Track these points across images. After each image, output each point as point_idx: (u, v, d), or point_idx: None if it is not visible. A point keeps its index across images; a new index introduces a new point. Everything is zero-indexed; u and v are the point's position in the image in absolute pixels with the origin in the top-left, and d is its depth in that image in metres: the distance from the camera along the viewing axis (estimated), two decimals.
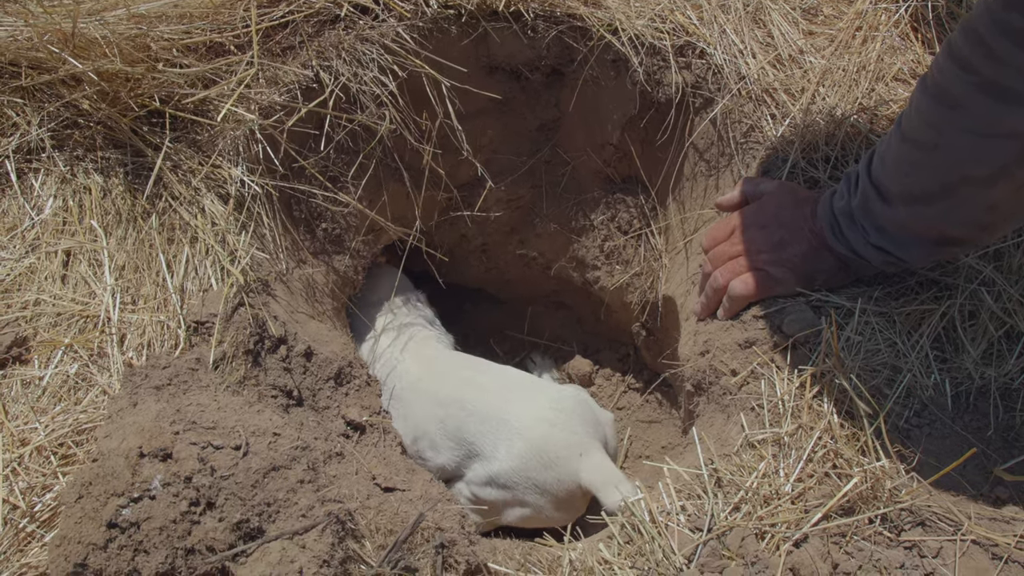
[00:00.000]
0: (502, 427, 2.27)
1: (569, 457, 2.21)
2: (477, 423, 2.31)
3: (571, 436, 2.25)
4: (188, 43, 2.11)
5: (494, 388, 2.39)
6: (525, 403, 2.31)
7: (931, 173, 1.61)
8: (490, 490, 2.30)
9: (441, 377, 2.49)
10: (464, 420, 2.33)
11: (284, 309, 2.06)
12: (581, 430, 2.28)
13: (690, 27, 2.38)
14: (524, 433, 2.24)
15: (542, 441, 2.22)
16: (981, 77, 1.43)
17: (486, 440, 2.29)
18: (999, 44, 1.38)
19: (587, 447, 2.25)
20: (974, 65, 1.43)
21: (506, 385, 2.42)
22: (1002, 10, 1.36)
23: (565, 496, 2.25)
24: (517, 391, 2.38)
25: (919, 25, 2.41)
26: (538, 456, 2.21)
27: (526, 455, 2.22)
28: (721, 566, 1.54)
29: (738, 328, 1.96)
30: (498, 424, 2.28)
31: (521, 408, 2.29)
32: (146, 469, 1.45)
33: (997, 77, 1.41)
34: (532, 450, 2.22)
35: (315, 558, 1.45)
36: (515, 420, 2.27)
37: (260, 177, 2.13)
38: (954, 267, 1.91)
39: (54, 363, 1.83)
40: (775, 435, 1.72)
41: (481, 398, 2.35)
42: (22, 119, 2.05)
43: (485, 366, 2.57)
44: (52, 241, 1.97)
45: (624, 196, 2.83)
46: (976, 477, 1.67)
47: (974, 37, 1.42)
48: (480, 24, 2.43)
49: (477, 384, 2.42)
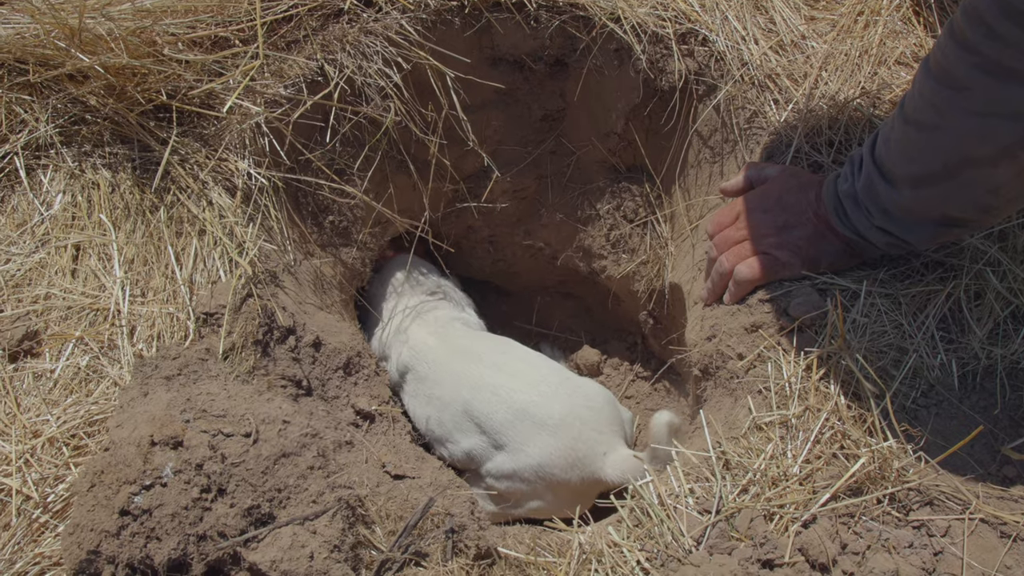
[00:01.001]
0: (533, 422, 2.26)
1: (595, 456, 2.21)
2: (506, 413, 2.29)
3: (599, 436, 2.24)
4: (193, 37, 2.13)
5: (528, 379, 2.36)
6: (559, 400, 2.29)
7: (934, 154, 1.61)
8: (509, 483, 2.29)
9: (474, 360, 2.46)
10: (494, 408, 2.31)
11: (292, 300, 2.08)
12: (607, 428, 2.28)
13: (692, 14, 2.38)
14: (556, 432, 2.23)
15: (572, 441, 2.22)
16: (984, 58, 1.43)
17: (516, 433, 2.27)
18: (1002, 25, 1.38)
19: (612, 445, 2.25)
20: (977, 46, 1.43)
21: (540, 377, 2.38)
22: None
23: (583, 491, 2.25)
24: (551, 385, 2.35)
25: (921, 9, 2.41)
26: (566, 455, 2.21)
27: (555, 453, 2.22)
28: (730, 547, 1.55)
29: (744, 312, 1.96)
30: (529, 418, 2.26)
31: (555, 405, 2.27)
32: (157, 457, 1.47)
33: (1000, 58, 1.41)
34: (561, 449, 2.21)
35: (326, 543, 1.47)
36: (548, 418, 2.25)
37: (267, 170, 2.14)
38: (959, 248, 1.91)
39: (65, 356, 1.84)
40: (782, 417, 1.73)
41: (514, 388, 2.33)
42: (30, 116, 2.07)
43: (518, 353, 2.54)
44: (62, 236, 1.99)
45: (629, 185, 2.84)
46: (984, 456, 1.67)
47: (976, 18, 1.42)
48: (483, 15, 2.43)
49: (511, 372, 2.39)
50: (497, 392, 2.33)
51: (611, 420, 2.31)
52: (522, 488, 2.28)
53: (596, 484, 2.23)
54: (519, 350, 2.54)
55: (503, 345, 2.58)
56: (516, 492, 2.30)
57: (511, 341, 2.61)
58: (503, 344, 2.59)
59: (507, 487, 2.30)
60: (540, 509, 2.30)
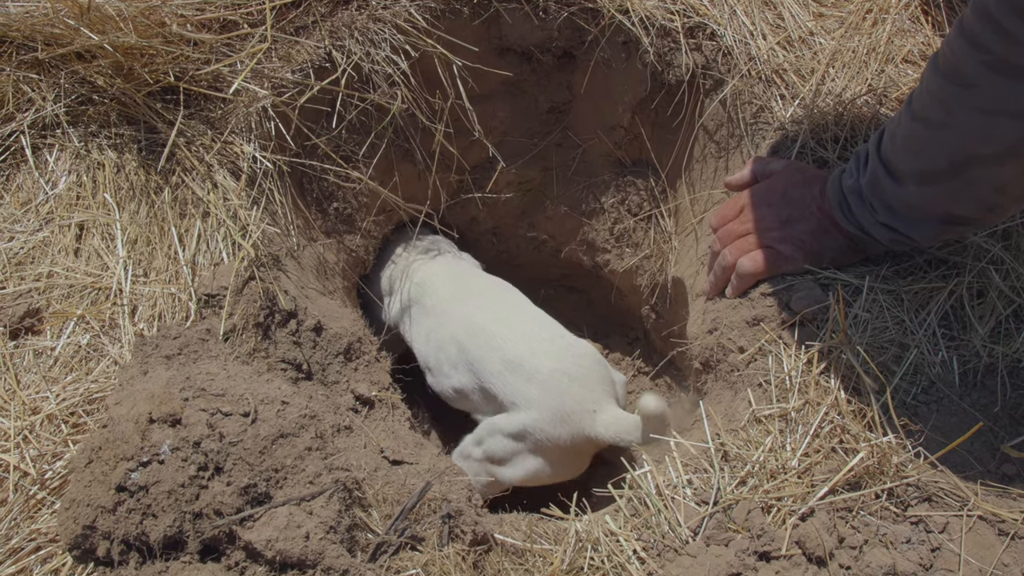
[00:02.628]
0: (522, 374, 2.26)
1: (583, 412, 2.19)
2: (498, 362, 2.30)
3: (588, 393, 2.23)
4: (202, 19, 2.13)
5: (522, 332, 2.36)
6: (549, 356, 2.28)
7: (940, 151, 1.61)
8: (501, 439, 2.29)
9: (475, 303, 2.49)
10: (487, 355, 2.32)
11: (295, 284, 2.08)
12: (598, 387, 2.27)
13: (700, 8, 2.38)
14: (544, 385, 2.22)
15: (560, 396, 2.21)
16: (992, 56, 1.43)
17: (504, 384, 2.28)
18: (1011, 23, 1.37)
19: (601, 403, 2.23)
20: (985, 44, 1.43)
21: (534, 332, 2.38)
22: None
23: (573, 451, 2.25)
24: (543, 341, 2.34)
25: (929, 7, 2.41)
26: (553, 410, 2.20)
27: (543, 407, 2.21)
28: (727, 539, 1.54)
29: (746, 306, 1.96)
30: (519, 371, 2.26)
31: (544, 360, 2.26)
32: (155, 434, 1.47)
33: (1008, 56, 1.41)
34: (549, 403, 2.20)
35: (321, 524, 1.47)
36: (537, 372, 2.24)
37: (272, 154, 2.14)
38: (962, 246, 1.90)
39: (66, 334, 1.84)
40: (782, 410, 1.72)
41: (508, 338, 2.33)
42: (37, 95, 2.07)
43: (517, 302, 2.55)
44: (66, 215, 1.99)
45: (634, 178, 2.83)
46: (983, 454, 1.67)
47: (986, 15, 1.41)
48: (491, 5, 2.43)
49: (508, 323, 2.39)
50: (492, 340, 2.34)
51: (601, 379, 2.30)
52: (515, 447, 2.28)
53: (588, 442, 2.22)
54: (518, 300, 2.55)
55: (505, 293, 2.59)
56: (509, 450, 2.29)
57: (513, 289, 2.61)
58: (505, 292, 2.60)
59: (500, 446, 2.29)
60: (533, 473, 2.29)
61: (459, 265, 2.76)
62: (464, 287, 2.59)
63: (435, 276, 2.64)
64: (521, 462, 2.29)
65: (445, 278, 2.63)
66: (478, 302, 2.50)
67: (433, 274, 2.65)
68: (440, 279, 2.63)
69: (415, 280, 2.65)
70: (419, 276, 2.66)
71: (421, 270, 2.68)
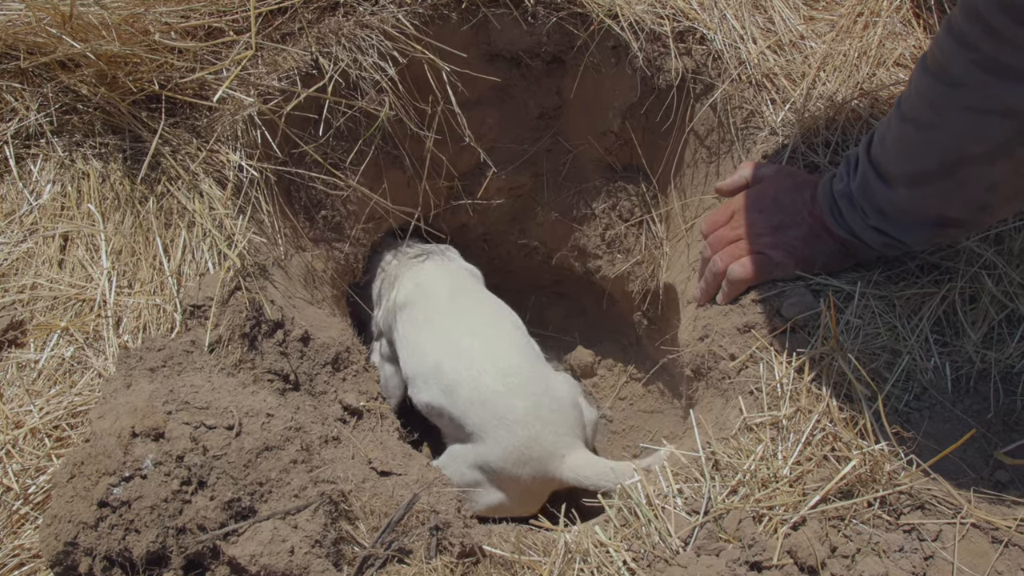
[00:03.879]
0: (493, 413, 2.23)
1: (551, 456, 2.19)
2: (470, 393, 2.27)
3: (558, 438, 2.22)
4: (186, 27, 2.11)
5: (501, 365, 2.32)
6: (523, 397, 2.25)
7: (930, 152, 1.60)
8: (463, 469, 2.28)
9: (462, 321, 2.47)
10: (461, 382, 2.29)
11: (282, 294, 2.06)
12: (569, 432, 2.26)
13: (690, 12, 2.37)
14: (512, 427, 2.20)
15: (528, 441, 2.19)
16: (981, 54, 1.42)
17: (474, 416, 2.25)
18: (999, 21, 1.36)
19: (571, 447, 2.23)
20: (974, 42, 1.42)
21: (512, 367, 2.33)
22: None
23: (534, 489, 2.25)
24: (520, 378, 2.30)
25: (920, 11, 2.40)
26: (519, 454, 2.19)
27: (508, 449, 2.20)
28: (718, 548, 1.53)
29: (737, 312, 1.95)
30: (491, 408, 2.24)
31: (518, 401, 2.23)
32: (138, 448, 1.45)
33: (997, 54, 1.40)
34: (516, 447, 2.19)
35: (307, 538, 1.45)
36: (508, 412, 2.22)
37: (258, 162, 2.13)
38: (954, 251, 1.89)
39: (50, 346, 1.83)
40: (773, 418, 1.71)
41: (484, 369, 2.29)
42: (21, 104, 2.05)
43: (504, 330, 2.49)
44: (50, 226, 1.97)
45: (625, 184, 2.82)
46: (976, 461, 1.66)
47: (974, 14, 1.40)
48: (480, 10, 2.42)
49: (488, 349, 2.36)
50: (469, 368, 2.30)
51: (574, 423, 2.29)
52: (475, 476, 2.27)
53: (548, 483, 2.23)
54: (507, 327, 2.50)
55: (495, 315, 2.55)
56: (469, 480, 2.27)
57: (504, 313, 2.57)
58: (495, 313, 2.56)
59: (469, 477, 2.28)
60: (494, 506, 2.28)
61: (456, 275, 2.72)
62: (457, 302, 2.56)
63: (438, 278, 2.62)
64: (482, 494, 2.28)
65: (446, 281, 2.61)
66: (464, 318, 2.48)
67: (434, 275, 2.63)
68: (442, 280, 2.61)
69: (407, 286, 2.61)
70: (420, 276, 2.63)
71: (423, 270, 2.66)
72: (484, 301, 2.64)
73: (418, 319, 2.51)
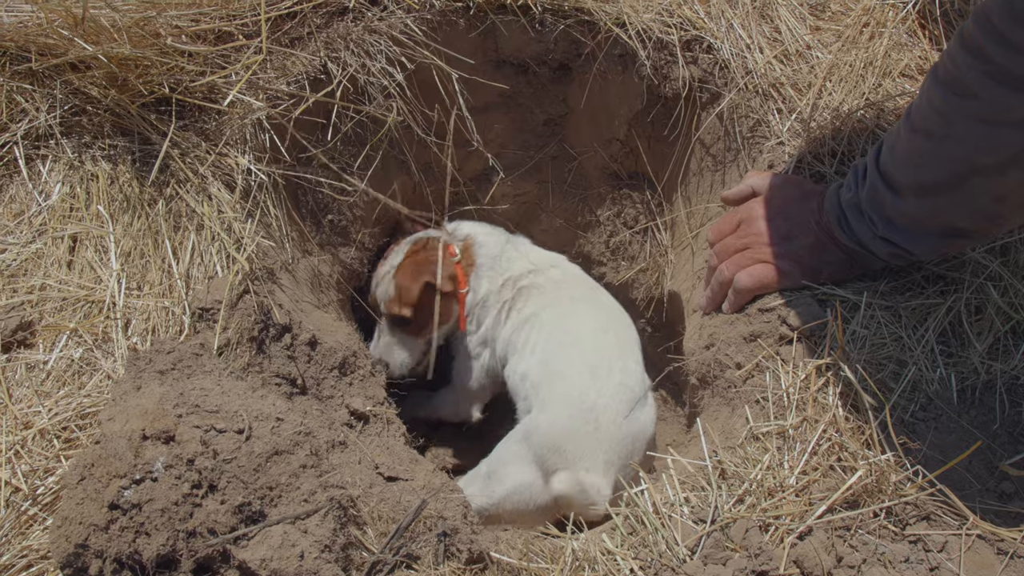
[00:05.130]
0: (589, 419, 2.22)
1: (596, 474, 2.16)
2: (571, 407, 2.25)
3: (617, 466, 2.19)
4: (197, 30, 2.12)
5: (611, 384, 2.31)
6: (618, 423, 2.23)
7: (941, 163, 1.61)
8: (517, 447, 2.27)
9: (588, 326, 2.48)
10: (566, 389, 2.29)
11: (289, 298, 2.06)
12: (623, 466, 2.21)
13: (698, 21, 2.38)
14: (595, 438, 2.19)
15: (600, 450, 2.18)
16: (994, 66, 1.43)
17: (567, 419, 2.24)
18: (1015, 33, 1.37)
19: (596, 468, 2.18)
20: (987, 54, 1.43)
21: (622, 386, 2.33)
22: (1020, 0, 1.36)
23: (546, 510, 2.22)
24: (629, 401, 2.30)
25: (926, 21, 2.41)
26: (590, 456, 2.18)
27: (557, 429, 2.20)
28: (724, 557, 1.54)
29: (743, 321, 1.95)
30: (588, 416, 2.22)
31: (614, 427, 2.22)
32: (149, 451, 1.45)
33: (1010, 66, 1.41)
34: (591, 449, 2.18)
35: (316, 543, 1.45)
36: (602, 425, 2.21)
37: (267, 166, 2.13)
38: (960, 262, 1.90)
39: (59, 347, 1.82)
40: (780, 428, 1.72)
41: (594, 387, 2.29)
42: (31, 105, 2.05)
43: (628, 351, 2.48)
44: (59, 227, 1.97)
45: (630, 191, 2.83)
46: (982, 472, 1.67)
47: (988, 26, 1.41)
48: (488, 17, 2.43)
49: (604, 363, 2.36)
50: (581, 376, 2.31)
51: (628, 453, 2.25)
52: (525, 454, 2.25)
53: (552, 510, 2.21)
54: (629, 348, 2.50)
55: (617, 326, 2.56)
56: (520, 457, 2.26)
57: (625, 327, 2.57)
58: (616, 325, 2.56)
59: (513, 452, 2.27)
60: (518, 503, 2.25)
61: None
62: (589, 295, 2.58)
63: (571, 271, 2.65)
64: (512, 476, 2.26)
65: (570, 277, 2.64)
66: (592, 323, 2.49)
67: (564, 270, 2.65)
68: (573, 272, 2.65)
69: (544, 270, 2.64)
70: (558, 269, 2.66)
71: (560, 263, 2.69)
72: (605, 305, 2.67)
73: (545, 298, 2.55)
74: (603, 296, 2.65)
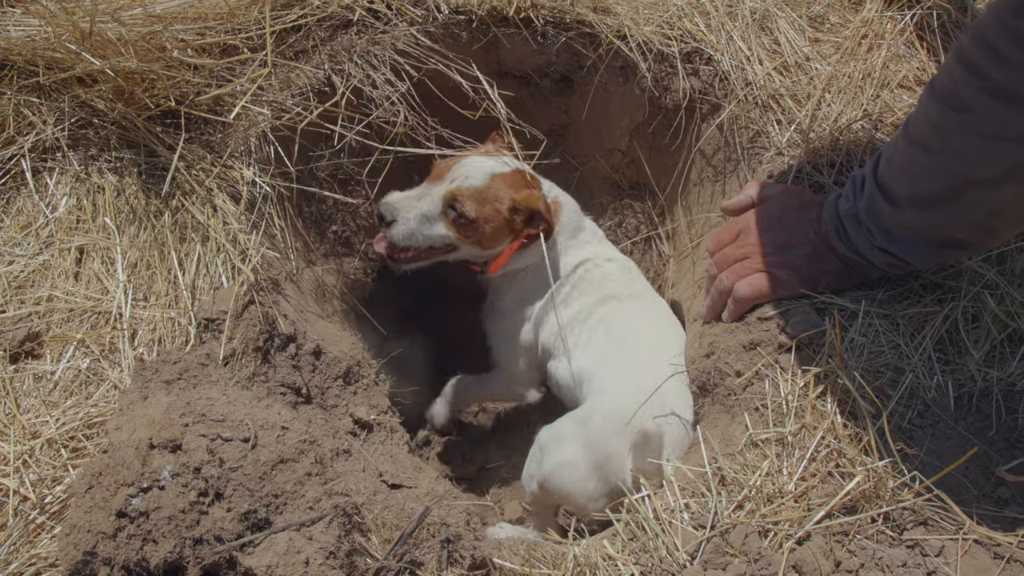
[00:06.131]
0: (631, 381, 2.19)
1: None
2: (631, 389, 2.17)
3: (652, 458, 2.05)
4: (202, 44, 2.15)
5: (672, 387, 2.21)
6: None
7: (938, 176, 1.63)
8: (573, 427, 2.22)
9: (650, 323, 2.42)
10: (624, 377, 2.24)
11: (294, 308, 2.09)
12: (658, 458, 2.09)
13: (698, 34, 2.40)
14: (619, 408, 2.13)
15: (610, 433, 2.12)
16: (990, 81, 1.45)
17: (606, 379, 2.24)
18: (1009, 50, 1.40)
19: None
20: (983, 70, 1.45)
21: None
22: (1012, 17, 1.38)
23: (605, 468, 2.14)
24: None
25: (924, 33, 2.44)
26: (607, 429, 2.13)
27: (607, 416, 2.15)
28: (724, 563, 1.55)
29: (743, 330, 1.97)
30: (627, 375, 2.21)
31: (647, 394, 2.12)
32: (156, 460, 1.47)
33: (1006, 82, 1.43)
34: (609, 420, 2.13)
35: (321, 549, 1.47)
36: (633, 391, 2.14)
37: (271, 178, 2.16)
38: (957, 270, 1.92)
39: (66, 358, 1.85)
40: (779, 434, 1.73)
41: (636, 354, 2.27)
42: (38, 118, 2.09)
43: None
44: (66, 238, 2.00)
45: (632, 201, 2.86)
46: (978, 477, 1.68)
47: (983, 43, 1.44)
48: (491, 29, 2.46)
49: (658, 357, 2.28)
50: (644, 368, 2.24)
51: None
52: (575, 433, 2.20)
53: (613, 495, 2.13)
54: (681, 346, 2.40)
55: (670, 324, 2.47)
56: (569, 436, 2.21)
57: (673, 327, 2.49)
58: (669, 323, 2.48)
59: (566, 430, 2.23)
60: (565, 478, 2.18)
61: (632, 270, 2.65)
62: (643, 291, 2.53)
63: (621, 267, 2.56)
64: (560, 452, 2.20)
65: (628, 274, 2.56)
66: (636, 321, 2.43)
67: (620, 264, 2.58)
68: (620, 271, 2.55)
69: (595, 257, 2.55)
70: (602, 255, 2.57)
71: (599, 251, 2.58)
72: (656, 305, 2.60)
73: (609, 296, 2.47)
74: (652, 294, 2.58)
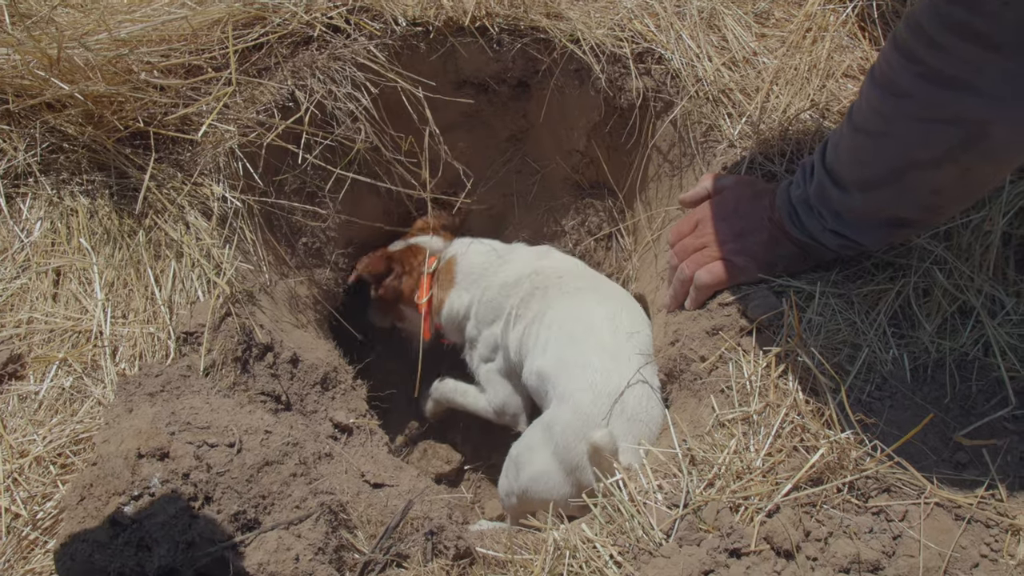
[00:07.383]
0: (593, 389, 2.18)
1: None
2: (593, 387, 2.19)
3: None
4: (168, 65, 2.19)
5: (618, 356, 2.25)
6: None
7: (881, 159, 1.69)
8: (540, 434, 2.23)
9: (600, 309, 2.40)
10: (585, 376, 2.22)
11: (269, 319, 2.13)
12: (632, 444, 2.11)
13: (648, 34, 2.46)
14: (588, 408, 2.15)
15: (572, 442, 2.12)
16: (926, 67, 1.51)
17: (568, 380, 2.23)
18: (943, 36, 1.45)
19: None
20: (919, 56, 1.51)
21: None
22: (946, 4, 1.44)
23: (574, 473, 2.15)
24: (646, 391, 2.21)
25: (866, 24, 2.51)
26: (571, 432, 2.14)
27: (580, 417, 2.15)
28: (698, 539, 1.61)
29: (705, 317, 2.03)
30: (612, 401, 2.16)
31: (622, 378, 2.16)
32: (145, 468, 1.51)
33: (941, 66, 1.49)
34: (570, 430, 2.14)
35: (310, 546, 1.52)
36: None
37: (241, 193, 2.20)
38: (907, 248, 1.99)
39: (49, 377, 1.88)
40: (744, 414, 1.79)
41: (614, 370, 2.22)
42: (8, 145, 2.11)
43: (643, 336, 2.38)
44: (43, 261, 2.03)
45: (593, 200, 2.91)
46: (937, 444, 1.74)
47: (919, 30, 1.49)
48: (448, 40, 2.51)
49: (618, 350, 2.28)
50: (602, 362, 2.24)
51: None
52: (543, 438, 2.22)
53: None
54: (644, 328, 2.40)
55: (627, 309, 2.46)
56: (539, 441, 2.23)
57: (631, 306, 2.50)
58: (625, 308, 2.47)
59: (536, 437, 2.25)
60: (538, 481, 2.21)
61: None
62: (592, 283, 2.55)
63: (564, 265, 2.62)
64: (533, 459, 2.22)
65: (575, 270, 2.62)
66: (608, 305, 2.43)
67: (561, 262, 2.64)
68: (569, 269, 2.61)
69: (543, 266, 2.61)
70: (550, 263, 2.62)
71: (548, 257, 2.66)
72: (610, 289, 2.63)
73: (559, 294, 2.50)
74: (605, 282, 2.63)
